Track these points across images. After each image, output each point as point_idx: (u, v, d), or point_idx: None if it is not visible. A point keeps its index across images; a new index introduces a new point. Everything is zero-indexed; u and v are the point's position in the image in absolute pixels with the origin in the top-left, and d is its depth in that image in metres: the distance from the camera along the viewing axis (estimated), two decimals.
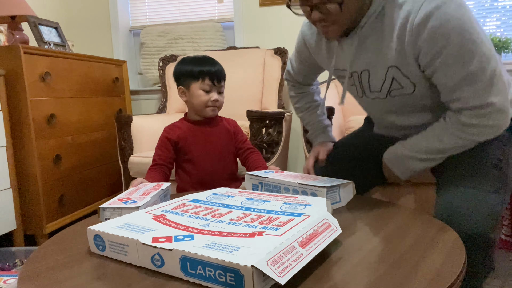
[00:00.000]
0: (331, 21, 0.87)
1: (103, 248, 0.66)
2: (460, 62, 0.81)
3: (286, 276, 0.49)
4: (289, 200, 0.79)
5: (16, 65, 1.78)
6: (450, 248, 0.65)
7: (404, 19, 0.83)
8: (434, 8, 0.78)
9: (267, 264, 0.49)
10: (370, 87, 0.98)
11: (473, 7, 2.41)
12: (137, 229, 0.66)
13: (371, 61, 0.93)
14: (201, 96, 1.30)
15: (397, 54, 0.88)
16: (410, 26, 0.82)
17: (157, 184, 1.06)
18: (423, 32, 0.81)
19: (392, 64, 0.90)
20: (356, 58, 0.96)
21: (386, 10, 0.87)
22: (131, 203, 0.86)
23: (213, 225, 0.66)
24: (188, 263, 0.54)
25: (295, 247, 0.55)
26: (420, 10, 0.80)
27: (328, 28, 0.89)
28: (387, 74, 0.92)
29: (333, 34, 0.91)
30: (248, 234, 0.60)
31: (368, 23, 0.90)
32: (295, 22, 2.60)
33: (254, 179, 1.03)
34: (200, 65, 1.31)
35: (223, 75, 1.35)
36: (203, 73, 1.29)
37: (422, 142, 0.94)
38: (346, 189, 0.93)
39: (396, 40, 0.87)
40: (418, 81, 0.91)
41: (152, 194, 0.93)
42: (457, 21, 0.79)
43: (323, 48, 1.07)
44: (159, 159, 1.31)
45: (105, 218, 0.84)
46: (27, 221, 1.88)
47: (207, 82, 1.30)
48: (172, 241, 0.59)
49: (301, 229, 0.60)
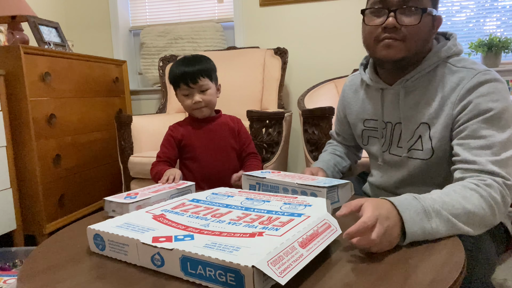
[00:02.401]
0: (401, 36, 0.87)
1: (103, 248, 0.66)
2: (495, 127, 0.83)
3: (286, 276, 0.49)
4: (289, 200, 0.79)
5: (16, 65, 1.78)
6: (450, 249, 0.65)
7: (456, 83, 0.88)
8: (486, 80, 0.84)
9: (268, 265, 0.49)
10: (399, 141, 0.98)
11: (473, 7, 2.41)
12: (137, 228, 0.65)
13: (407, 115, 0.95)
14: (184, 101, 1.32)
15: (434, 112, 0.90)
16: (460, 89, 0.86)
17: (182, 182, 1.09)
18: (471, 95, 0.85)
19: (424, 121, 0.92)
20: (395, 109, 0.97)
21: (438, 71, 0.91)
22: (130, 198, 0.89)
23: (213, 225, 0.66)
24: (189, 263, 0.54)
25: (295, 248, 0.55)
26: (474, 78, 0.85)
27: (395, 43, 0.88)
28: (416, 130, 0.94)
29: (394, 51, 0.89)
30: (249, 234, 0.60)
31: (416, 77, 0.92)
32: (295, 22, 2.61)
33: (252, 179, 1.02)
34: (175, 71, 1.30)
35: (197, 74, 1.29)
36: (177, 80, 1.30)
37: (444, 198, 0.74)
38: (344, 189, 0.93)
39: (439, 100, 0.89)
40: (438, 147, 0.91)
41: (160, 193, 0.95)
42: (503, 95, 0.84)
43: (359, 97, 1.09)
44: (163, 155, 1.34)
45: (112, 210, 0.89)
46: (27, 221, 1.88)
47: (183, 87, 1.29)
48: (172, 240, 0.59)
49: (301, 230, 0.60)
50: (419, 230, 0.68)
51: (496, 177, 0.78)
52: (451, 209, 0.72)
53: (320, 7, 2.55)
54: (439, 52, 0.91)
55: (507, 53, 2.28)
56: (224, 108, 1.40)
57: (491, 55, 2.26)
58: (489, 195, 0.76)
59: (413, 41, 0.87)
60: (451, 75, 0.89)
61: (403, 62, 0.91)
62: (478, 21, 2.43)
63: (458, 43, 0.93)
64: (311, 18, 2.58)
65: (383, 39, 0.89)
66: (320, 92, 2.22)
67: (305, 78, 2.59)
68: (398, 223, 0.67)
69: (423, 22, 0.86)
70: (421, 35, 0.88)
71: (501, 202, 0.77)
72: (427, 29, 0.88)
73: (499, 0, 2.38)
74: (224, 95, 1.39)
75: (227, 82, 2.50)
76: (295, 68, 2.64)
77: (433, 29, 0.91)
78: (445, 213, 0.71)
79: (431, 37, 0.92)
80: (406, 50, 0.88)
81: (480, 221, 0.75)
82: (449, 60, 0.91)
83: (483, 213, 0.74)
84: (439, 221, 0.70)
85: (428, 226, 0.69)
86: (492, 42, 2.23)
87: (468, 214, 0.73)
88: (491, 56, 2.26)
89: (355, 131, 1.14)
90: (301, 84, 2.59)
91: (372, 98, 1.04)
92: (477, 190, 0.76)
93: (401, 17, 0.86)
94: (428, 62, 0.91)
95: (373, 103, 1.04)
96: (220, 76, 1.43)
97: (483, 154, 0.80)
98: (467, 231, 0.73)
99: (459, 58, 0.91)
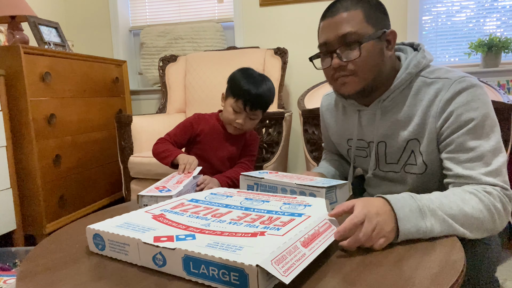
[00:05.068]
0: (350, 71, 0.88)
1: (103, 247, 0.66)
2: (480, 137, 0.82)
3: (290, 275, 0.49)
4: (288, 200, 0.79)
5: (16, 65, 1.78)
6: (450, 248, 0.65)
7: (433, 95, 0.87)
8: (463, 88, 0.84)
9: (272, 264, 0.49)
10: (386, 158, 0.98)
11: (473, 7, 2.41)
12: (137, 228, 0.65)
13: (388, 133, 0.95)
14: (229, 113, 1.29)
15: (418, 127, 0.90)
16: (438, 101, 0.86)
17: (189, 173, 1.11)
18: (450, 106, 0.84)
19: (413, 137, 0.92)
20: (375, 129, 0.97)
21: (413, 86, 0.91)
22: (166, 192, 0.92)
23: (214, 224, 0.66)
24: (191, 262, 0.54)
25: (298, 247, 0.55)
26: (450, 87, 0.85)
27: (347, 79, 0.90)
28: (406, 147, 0.94)
29: (351, 87, 0.90)
30: (250, 233, 0.60)
31: (391, 96, 0.92)
32: (295, 22, 2.61)
33: (249, 179, 1.01)
34: (244, 84, 1.26)
35: (261, 104, 1.28)
36: (240, 95, 1.26)
37: (442, 199, 0.74)
38: (342, 189, 0.93)
39: (420, 115, 0.89)
40: (429, 161, 0.91)
41: (184, 183, 1.00)
42: (482, 101, 0.83)
43: (338, 118, 1.09)
44: (172, 138, 1.33)
45: (144, 204, 0.91)
46: (27, 221, 1.88)
47: (239, 105, 1.27)
48: (174, 240, 0.59)
49: (303, 229, 0.60)
50: (413, 228, 0.68)
51: (494, 187, 0.78)
52: (448, 210, 0.72)
53: (320, 7, 2.55)
54: (409, 68, 0.90)
55: (507, 53, 2.28)
56: None
57: (491, 55, 2.26)
58: (489, 200, 0.76)
59: (364, 71, 0.88)
60: (426, 87, 0.89)
61: (365, 91, 0.91)
62: (478, 21, 2.43)
63: (427, 53, 0.92)
64: (311, 18, 2.58)
65: (336, 78, 0.91)
66: (320, 92, 2.22)
67: (305, 78, 2.59)
68: (392, 219, 0.68)
69: (367, 51, 0.86)
70: (370, 63, 0.87)
71: (502, 209, 0.77)
72: (375, 54, 0.87)
73: (499, 0, 2.38)
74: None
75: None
76: (295, 68, 2.64)
77: (389, 45, 0.90)
78: (440, 213, 0.71)
79: (388, 56, 0.90)
80: (359, 82, 0.89)
81: (478, 225, 0.74)
82: (422, 73, 0.91)
83: (481, 216, 0.74)
84: (434, 220, 0.70)
85: (423, 224, 0.69)
86: (492, 42, 2.23)
87: (465, 216, 0.73)
88: (491, 56, 2.26)
89: (341, 151, 1.15)
90: (301, 84, 2.59)
91: (350, 118, 1.05)
92: (476, 194, 0.76)
93: (343, 55, 0.88)
94: (400, 81, 0.90)
95: (352, 124, 1.04)
96: (220, 76, 1.43)
97: (475, 167, 0.80)
98: (463, 232, 0.72)
99: (432, 69, 0.91)
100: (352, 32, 0.85)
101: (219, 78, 2.42)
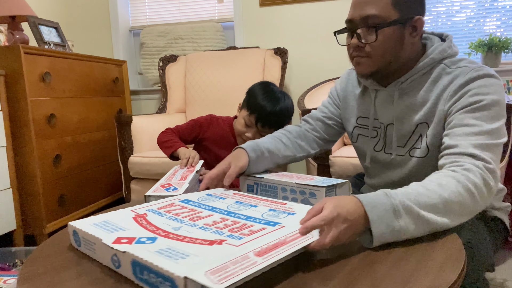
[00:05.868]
0: (366, 53, 0.90)
1: (79, 244, 0.68)
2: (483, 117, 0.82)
3: (226, 282, 0.47)
4: (276, 207, 0.78)
5: (16, 65, 1.78)
6: (450, 248, 0.65)
7: (449, 81, 0.88)
8: (479, 76, 0.84)
9: (206, 274, 0.47)
10: (395, 140, 0.98)
11: (473, 7, 2.41)
12: (110, 227, 0.66)
13: (400, 116, 0.96)
14: (241, 125, 1.29)
15: (429, 111, 0.91)
16: (453, 85, 0.87)
17: (192, 167, 1.11)
18: (463, 89, 0.85)
19: (423, 121, 0.92)
20: (388, 110, 0.98)
21: (433, 72, 0.92)
22: (172, 190, 0.92)
23: (184, 228, 0.66)
24: (138, 268, 0.54)
25: (248, 257, 0.53)
26: (467, 74, 0.86)
27: (361, 59, 0.92)
28: (415, 130, 0.94)
29: (363, 67, 0.92)
30: (209, 241, 0.59)
31: (410, 79, 0.93)
32: (295, 22, 2.61)
33: (250, 179, 1.01)
34: (261, 100, 1.25)
35: (273, 122, 1.25)
36: (254, 110, 1.25)
37: (419, 189, 0.71)
38: (342, 188, 0.93)
39: (433, 98, 0.90)
40: (432, 144, 0.91)
41: (189, 179, 1.00)
42: (495, 89, 0.84)
43: (356, 93, 1.08)
44: (179, 132, 1.33)
45: None
46: (27, 221, 1.88)
47: (251, 119, 1.26)
48: (132, 243, 0.58)
49: (265, 240, 0.59)
50: (387, 229, 0.65)
51: (477, 161, 0.76)
52: (426, 200, 0.69)
53: (320, 7, 2.56)
54: (433, 54, 0.91)
55: (507, 53, 2.28)
56: (223, 108, 1.41)
57: (491, 55, 2.26)
58: (467, 179, 0.73)
59: (378, 56, 0.89)
60: (446, 75, 0.90)
61: (377, 75, 0.93)
62: (478, 21, 2.43)
63: (453, 45, 0.93)
64: (311, 18, 2.58)
65: (353, 56, 0.93)
66: (320, 92, 2.22)
67: (305, 78, 2.59)
68: (362, 220, 0.65)
69: (384, 36, 0.87)
70: (386, 48, 0.88)
71: (483, 185, 0.74)
72: (393, 40, 0.88)
73: (499, 0, 2.38)
74: (224, 95, 1.38)
75: (227, 82, 2.51)
76: (295, 68, 2.64)
77: (414, 32, 0.90)
78: (416, 209, 0.67)
79: (410, 42, 0.90)
80: (373, 65, 0.91)
81: (460, 209, 0.71)
82: (444, 61, 0.92)
83: (461, 199, 0.71)
84: (409, 218, 0.66)
85: (396, 224, 0.65)
86: (492, 42, 2.23)
87: (445, 202, 0.69)
88: (491, 56, 2.26)
89: (346, 126, 1.13)
90: (301, 84, 2.59)
91: (367, 97, 1.05)
92: (453, 176, 0.73)
93: (363, 36, 0.89)
94: (422, 65, 0.91)
95: (367, 103, 1.04)
96: (220, 76, 1.43)
97: (467, 139, 0.79)
98: (443, 223, 0.69)
99: (455, 59, 0.92)
100: (375, 15, 0.86)
101: (219, 78, 2.42)
